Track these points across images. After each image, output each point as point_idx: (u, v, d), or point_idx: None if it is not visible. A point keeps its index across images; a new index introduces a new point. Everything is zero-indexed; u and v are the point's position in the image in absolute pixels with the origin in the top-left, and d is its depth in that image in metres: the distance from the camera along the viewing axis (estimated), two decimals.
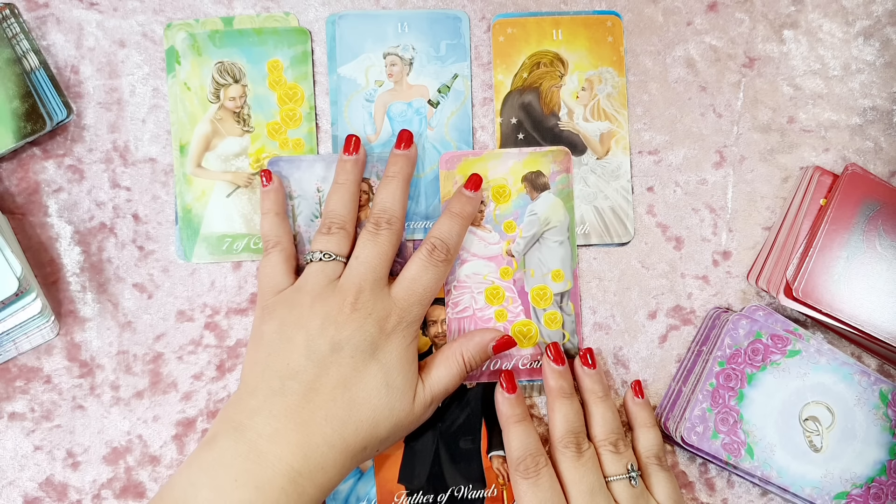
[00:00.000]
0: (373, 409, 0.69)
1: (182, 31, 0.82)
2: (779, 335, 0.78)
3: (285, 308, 0.72)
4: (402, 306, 0.72)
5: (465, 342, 0.76)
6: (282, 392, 0.68)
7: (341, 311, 0.70)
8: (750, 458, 0.76)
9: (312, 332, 0.69)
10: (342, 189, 0.77)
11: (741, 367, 0.77)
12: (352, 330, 0.69)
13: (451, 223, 0.76)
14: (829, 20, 0.85)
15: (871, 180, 0.79)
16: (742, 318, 0.78)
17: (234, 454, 0.65)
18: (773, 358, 0.77)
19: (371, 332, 0.70)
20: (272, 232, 0.77)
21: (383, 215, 0.75)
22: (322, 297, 0.71)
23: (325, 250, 0.74)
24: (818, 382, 0.77)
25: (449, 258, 0.75)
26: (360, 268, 0.72)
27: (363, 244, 0.74)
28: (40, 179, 0.80)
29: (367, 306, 0.71)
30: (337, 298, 0.71)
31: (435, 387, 0.74)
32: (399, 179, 0.77)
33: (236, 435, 0.66)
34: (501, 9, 0.84)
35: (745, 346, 0.77)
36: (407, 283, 0.73)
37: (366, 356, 0.69)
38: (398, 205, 0.76)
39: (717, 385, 0.77)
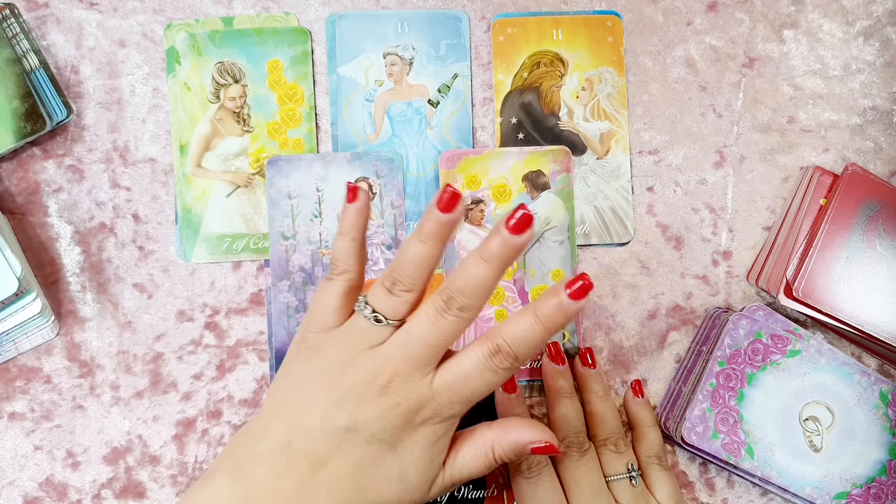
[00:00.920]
0: (381, 498, 0.61)
1: (182, 31, 0.82)
2: (779, 335, 0.78)
3: (319, 356, 0.63)
4: (440, 401, 0.61)
5: (502, 437, 0.65)
6: (289, 450, 0.61)
7: (368, 390, 0.60)
8: (750, 458, 0.76)
9: (332, 400, 0.61)
10: (422, 248, 0.61)
11: (741, 367, 0.77)
12: (373, 415, 0.60)
13: (532, 327, 0.60)
14: (829, 20, 0.85)
15: (871, 180, 0.79)
16: (742, 318, 0.78)
17: (230, 497, 0.60)
18: (774, 358, 0.78)
19: (395, 422, 0.60)
20: (342, 258, 0.64)
21: (458, 298, 0.60)
22: (355, 365, 0.61)
23: (378, 310, 0.62)
24: (818, 382, 0.77)
25: (513, 368, 0.61)
26: (408, 346, 0.61)
27: (422, 321, 0.61)
28: (40, 179, 0.80)
29: (399, 393, 0.60)
30: (368, 372, 0.61)
31: (458, 475, 0.64)
32: (493, 266, 0.59)
33: (236, 477, 0.61)
34: (501, 9, 0.84)
35: (745, 346, 0.77)
36: (453, 379, 0.61)
37: (383, 446, 0.61)
38: (480, 294, 0.60)
39: (717, 385, 0.77)
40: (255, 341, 0.80)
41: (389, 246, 0.81)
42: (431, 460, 0.63)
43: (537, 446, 0.64)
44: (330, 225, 0.80)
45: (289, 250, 0.80)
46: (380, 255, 0.80)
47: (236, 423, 0.79)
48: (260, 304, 0.81)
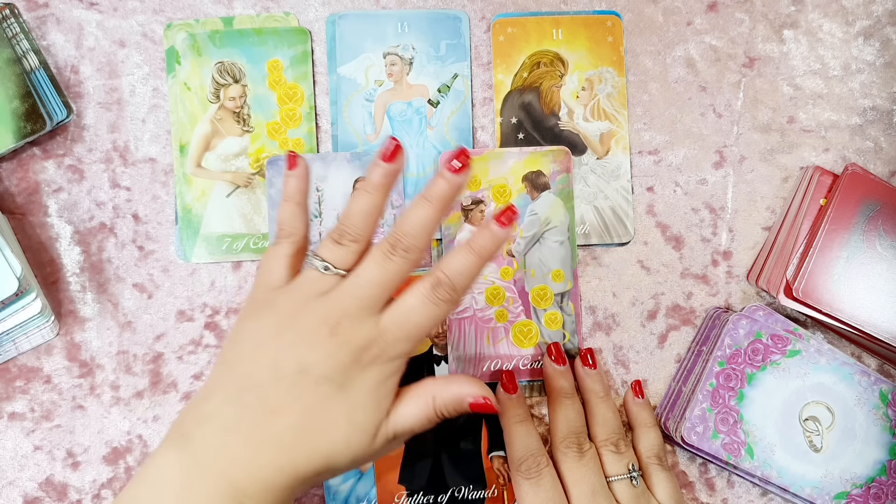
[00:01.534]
0: (329, 442, 0.62)
1: (182, 31, 0.82)
2: (779, 335, 0.78)
3: (269, 311, 0.65)
4: (387, 339, 0.63)
5: (443, 389, 0.67)
6: (237, 403, 0.61)
7: (318, 331, 0.62)
8: (750, 458, 0.76)
9: (283, 346, 0.63)
10: (367, 199, 0.66)
11: (741, 367, 0.77)
12: (323, 355, 0.62)
13: (467, 261, 0.65)
14: (829, 20, 0.85)
15: (871, 180, 0.79)
16: (742, 318, 0.78)
17: (178, 468, 0.60)
18: (773, 358, 0.78)
19: (344, 361, 0.62)
20: (288, 222, 0.68)
21: (404, 240, 0.64)
22: (305, 311, 0.63)
23: (327, 260, 0.65)
24: (818, 382, 0.77)
25: (454, 298, 0.65)
26: (356, 289, 0.64)
27: (369, 265, 0.64)
28: (40, 179, 0.80)
29: (347, 333, 0.62)
30: (318, 316, 0.63)
31: (400, 425, 0.65)
32: (435, 206, 0.65)
33: (182, 445, 0.61)
34: (501, 9, 0.84)
35: (745, 346, 0.77)
36: (398, 316, 0.64)
37: (332, 387, 0.62)
38: (423, 235, 0.65)
39: (717, 385, 0.77)
40: None
41: None
42: (378, 402, 0.64)
43: (476, 402, 0.66)
44: (330, 225, 0.80)
45: None
46: None
47: None
48: None
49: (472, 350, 0.79)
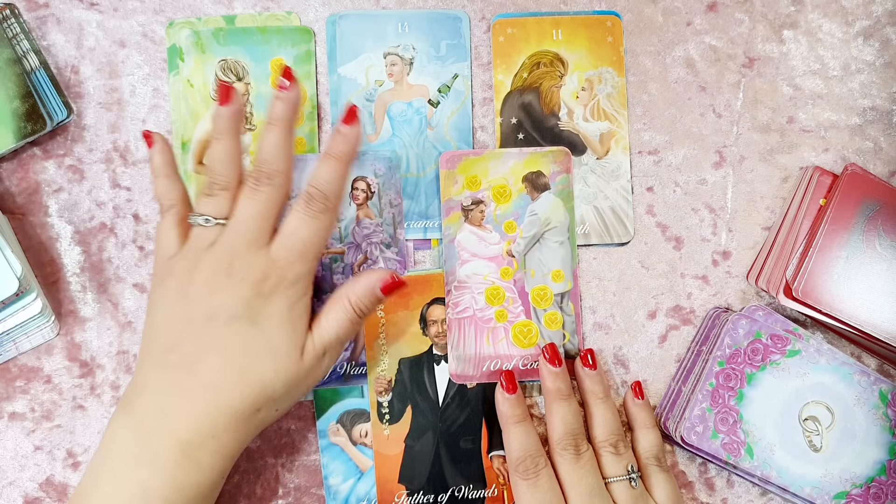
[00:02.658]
0: (257, 374, 0.66)
1: (186, 29, 0.82)
2: (778, 335, 0.78)
3: (169, 276, 0.69)
4: (281, 265, 0.67)
5: (352, 285, 0.71)
6: (163, 366, 0.66)
7: (216, 277, 0.67)
8: (750, 458, 0.76)
9: (190, 300, 0.67)
10: (221, 145, 0.70)
11: (741, 367, 0.77)
12: (225, 296, 0.66)
13: (329, 168, 0.70)
14: (828, 20, 0.85)
15: (870, 180, 0.79)
16: (742, 318, 0.78)
17: (125, 436, 0.64)
18: (773, 358, 0.78)
19: (246, 296, 0.66)
20: (165, 195, 0.72)
21: (264, 167, 0.69)
22: (198, 264, 0.67)
23: (205, 213, 0.69)
24: (818, 382, 0.77)
25: (329, 206, 0.69)
26: (237, 228, 0.68)
27: (242, 203, 0.69)
28: (40, 179, 0.80)
29: (242, 270, 0.67)
30: (211, 263, 0.67)
31: (325, 336, 0.69)
32: (280, 126, 0.70)
33: (125, 414, 0.65)
34: (501, 9, 0.84)
35: (744, 346, 0.78)
36: (284, 240, 0.69)
37: (243, 322, 0.66)
38: (282, 156, 0.70)
39: (717, 385, 0.77)
40: None
41: (388, 245, 0.81)
42: (293, 325, 0.68)
43: (385, 285, 0.71)
44: None
45: None
46: (379, 254, 0.81)
47: None
48: None
49: (472, 350, 0.79)
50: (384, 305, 0.80)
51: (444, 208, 0.80)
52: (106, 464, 0.64)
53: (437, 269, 0.81)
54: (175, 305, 0.67)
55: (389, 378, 0.79)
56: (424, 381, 0.80)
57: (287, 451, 0.80)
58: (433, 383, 0.80)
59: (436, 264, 0.82)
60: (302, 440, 0.80)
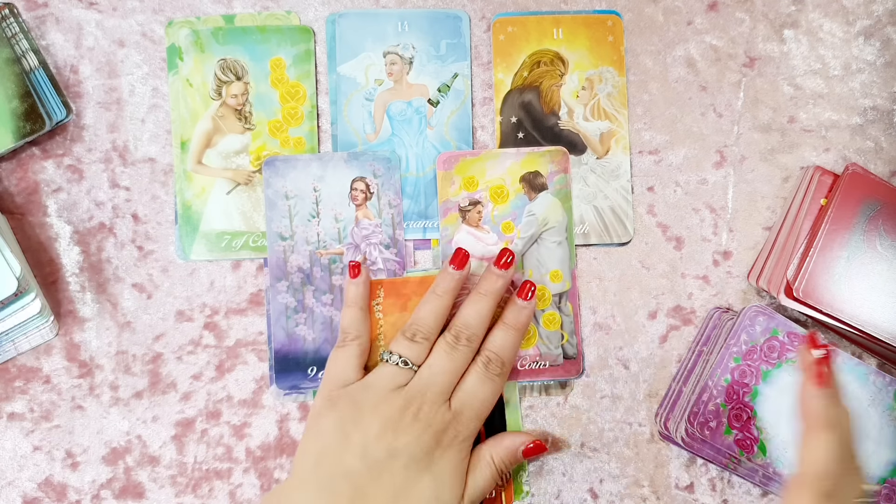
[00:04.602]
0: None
1: (185, 28, 0.82)
2: (795, 332, 0.77)
3: (348, 404, 0.71)
4: (460, 421, 0.71)
5: (495, 445, 0.75)
6: (331, 490, 0.67)
7: (402, 418, 0.70)
8: (763, 455, 0.76)
9: (370, 434, 0.69)
10: (439, 301, 0.75)
11: (756, 364, 0.77)
12: (410, 439, 0.69)
13: (506, 335, 0.75)
14: (829, 20, 0.84)
15: (871, 180, 0.79)
16: (759, 315, 0.77)
17: None
18: (790, 356, 0.77)
19: (428, 444, 0.69)
20: (353, 326, 0.76)
21: (464, 331, 0.74)
22: (387, 402, 0.70)
23: (404, 356, 0.73)
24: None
25: (504, 371, 0.75)
26: (431, 378, 0.72)
27: (439, 355, 0.73)
28: (39, 179, 0.80)
29: (428, 417, 0.70)
30: (400, 405, 0.70)
31: (474, 495, 0.72)
32: (490, 299, 0.75)
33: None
34: (501, 8, 0.84)
35: (761, 342, 0.77)
36: (466, 397, 0.73)
37: (420, 468, 0.69)
38: (482, 325, 0.75)
39: (732, 381, 0.77)
40: (255, 341, 0.80)
41: (387, 245, 0.81)
42: (460, 478, 0.71)
43: (527, 449, 0.76)
44: (328, 225, 0.80)
45: (287, 251, 0.80)
46: (378, 254, 0.80)
47: (235, 423, 0.79)
48: (259, 304, 0.81)
49: None
50: (383, 307, 0.79)
51: (441, 209, 0.80)
52: None
53: (436, 269, 0.81)
54: (352, 434, 0.69)
55: None
56: None
57: (287, 451, 0.80)
58: None
59: (435, 265, 0.82)
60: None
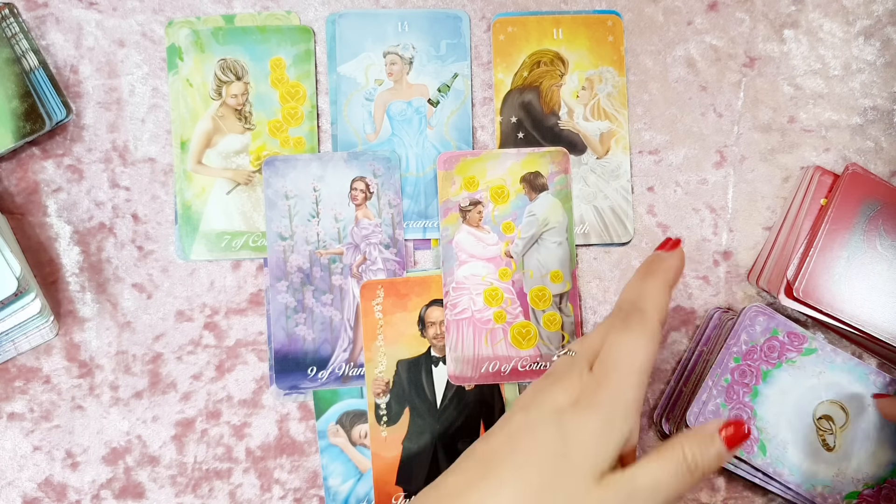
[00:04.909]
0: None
1: (185, 28, 0.82)
2: (795, 332, 0.77)
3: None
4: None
5: (687, 434, 0.60)
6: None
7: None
8: (762, 455, 0.76)
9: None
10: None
11: (756, 364, 0.77)
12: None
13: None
14: (829, 20, 0.84)
15: (871, 180, 0.79)
16: (759, 315, 0.78)
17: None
18: (790, 355, 0.77)
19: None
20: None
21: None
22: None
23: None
24: (833, 381, 0.77)
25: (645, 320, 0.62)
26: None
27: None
28: (39, 179, 0.80)
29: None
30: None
31: (646, 483, 0.58)
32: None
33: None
34: (501, 8, 0.84)
35: (761, 342, 0.77)
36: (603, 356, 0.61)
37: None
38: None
39: (732, 381, 0.77)
40: (255, 342, 0.80)
41: (387, 245, 0.81)
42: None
43: (725, 426, 0.60)
44: (327, 225, 0.80)
45: (286, 251, 0.80)
46: (378, 254, 0.80)
47: (235, 423, 0.79)
48: (259, 304, 0.81)
49: (471, 351, 0.79)
50: (383, 307, 0.79)
51: (441, 209, 0.80)
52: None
53: (436, 269, 0.81)
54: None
55: (387, 380, 0.79)
56: (422, 382, 0.80)
57: (287, 451, 0.80)
58: (431, 385, 0.80)
59: (435, 265, 0.82)
60: (301, 441, 0.80)
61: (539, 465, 0.57)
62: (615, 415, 0.58)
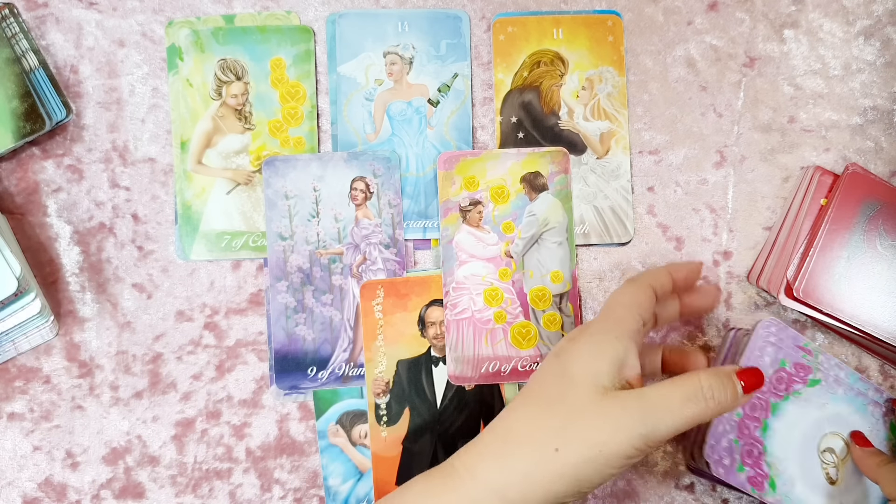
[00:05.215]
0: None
1: (185, 28, 0.82)
2: (801, 363, 0.77)
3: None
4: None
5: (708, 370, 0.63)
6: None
7: None
8: (772, 492, 0.75)
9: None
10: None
11: (766, 397, 0.76)
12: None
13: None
14: (829, 20, 0.84)
15: (871, 180, 0.79)
16: (767, 346, 0.77)
17: (456, 482, 0.64)
18: (796, 387, 0.77)
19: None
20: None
21: None
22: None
23: None
24: (835, 413, 0.76)
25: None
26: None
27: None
28: (39, 179, 0.80)
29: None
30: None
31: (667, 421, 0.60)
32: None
33: (462, 476, 0.64)
34: (501, 8, 0.84)
35: (770, 374, 0.76)
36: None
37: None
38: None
39: (744, 415, 0.76)
40: (255, 342, 0.80)
41: (387, 245, 0.81)
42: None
43: (740, 372, 0.63)
44: (327, 225, 0.80)
45: (286, 251, 0.80)
46: (378, 254, 0.80)
47: (235, 423, 0.79)
48: (259, 304, 0.81)
49: (471, 351, 0.79)
50: (383, 307, 0.79)
51: (441, 209, 0.80)
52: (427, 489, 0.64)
53: (436, 269, 0.81)
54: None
55: (387, 380, 0.79)
56: (422, 382, 0.80)
57: (287, 451, 0.80)
58: (431, 385, 0.80)
59: (435, 265, 0.82)
60: (301, 441, 0.80)
61: (542, 386, 0.64)
62: (605, 336, 0.63)
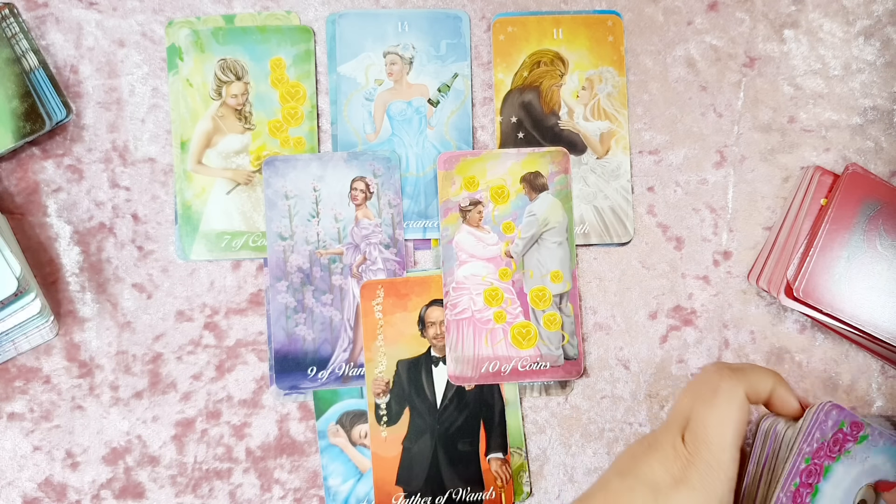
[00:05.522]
0: None
1: (185, 28, 0.82)
2: (857, 421, 0.74)
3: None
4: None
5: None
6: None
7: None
8: None
9: None
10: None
11: (822, 461, 0.74)
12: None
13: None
14: (829, 20, 0.84)
15: (871, 180, 0.79)
16: (833, 409, 0.74)
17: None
18: (847, 446, 0.74)
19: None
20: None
21: None
22: None
23: None
24: (874, 465, 0.74)
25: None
26: None
27: None
28: (39, 179, 0.80)
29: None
30: None
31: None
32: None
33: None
34: (502, 8, 0.84)
35: (829, 437, 0.74)
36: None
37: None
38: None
39: (800, 484, 0.74)
40: (255, 341, 0.80)
41: (387, 245, 0.81)
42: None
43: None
44: (327, 225, 0.80)
45: (286, 251, 0.80)
46: (378, 254, 0.80)
47: (235, 423, 0.79)
48: (259, 304, 0.81)
49: (471, 351, 0.79)
50: (383, 307, 0.79)
51: (442, 209, 0.80)
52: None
53: (436, 269, 0.81)
54: None
55: (387, 380, 0.79)
56: (422, 382, 0.80)
57: (287, 451, 0.80)
58: (431, 385, 0.80)
59: (435, 265, 0.82)
60: (301, 441, 0.80)
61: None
62: (710, 498, 0.62)
